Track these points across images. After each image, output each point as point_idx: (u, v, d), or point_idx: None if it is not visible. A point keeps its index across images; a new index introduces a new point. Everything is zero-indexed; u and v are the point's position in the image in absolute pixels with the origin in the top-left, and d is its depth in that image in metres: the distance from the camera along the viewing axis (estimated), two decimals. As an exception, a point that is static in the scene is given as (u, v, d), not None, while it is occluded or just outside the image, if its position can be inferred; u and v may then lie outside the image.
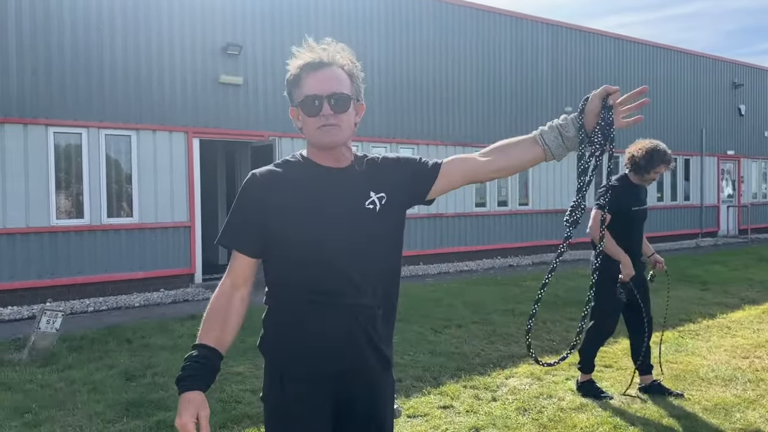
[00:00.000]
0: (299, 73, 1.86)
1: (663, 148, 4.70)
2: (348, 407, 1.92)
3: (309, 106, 1.83)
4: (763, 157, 21.30)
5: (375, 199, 1.91)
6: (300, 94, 1.85)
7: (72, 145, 9.24)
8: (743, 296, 9.06)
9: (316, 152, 1.91)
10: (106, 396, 4.88)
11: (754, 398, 4.73)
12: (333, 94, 1.81)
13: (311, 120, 1.84)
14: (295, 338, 1.88)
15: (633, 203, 4.78)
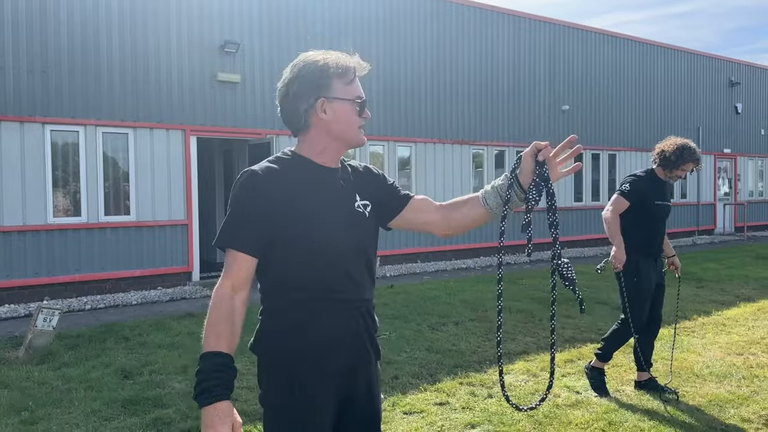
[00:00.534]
0: (350, 73, 1.92)
1: (694, 147, 4.75)
2: (350, 400, 1.95)
3: (362, 106, 1.95)
4: (760, 155, 21.35)
5: (361, 204, 1.97)
6: (348, 92, 1.91)
7: (69, 143, 9.24)
8: (739, 293, 9.09)
9: (326, 149, 1.94)
10: (102, 394, 4.89)
11: (748, 394, 4.76)
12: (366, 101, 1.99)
13: (357, 119, 1.94)
14: (301, 338, 1.86)
15: (656, 197, 4.80)
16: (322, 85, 1.89)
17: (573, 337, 6.57)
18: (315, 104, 1.89)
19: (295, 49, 13.03)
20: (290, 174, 1.88)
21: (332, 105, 1.89)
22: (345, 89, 1.90)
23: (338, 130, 1.91)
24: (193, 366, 5.48)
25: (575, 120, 15.75)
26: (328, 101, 1.89)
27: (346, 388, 1.93)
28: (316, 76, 1.89)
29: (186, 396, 4.81)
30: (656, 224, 4.84)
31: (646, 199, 4.75)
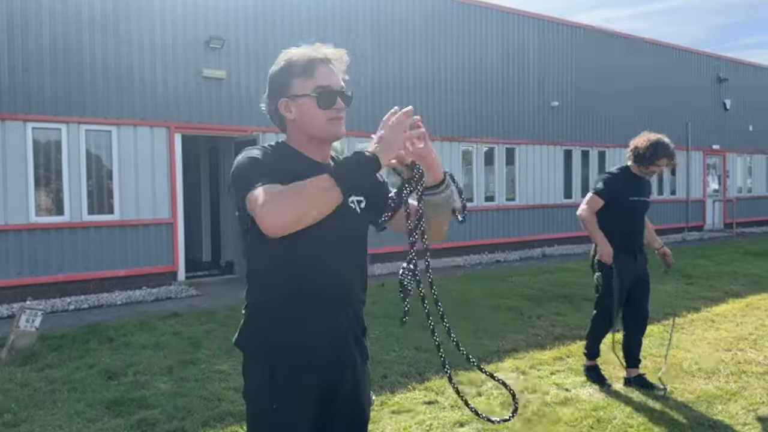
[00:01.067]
0: (308, 66, 1.87)
1: (667, 143, 4.78)
2: (332, 400, 1.94)
3: (326, 97, 1.86)
4: (749, 151, 21.47)
5: (355, 200, 1.96)
6: (307, 86, 1.87)
7: (51, 141, 9.11)
8: (727, 290, 9.11)
9: (310, 145, 1.93)
10: (86, 395, 4.81)
11: (736, 390, 4.75)
12: (343, 89, 1.91)
13: (323, 112, 1.87)
14: (280, 334, 1.86)
15: (631, 193, 4.82)
16: (282, 85, 1.90)
17: (562, 335, 6.54)
18: (278, 105, 1.92)
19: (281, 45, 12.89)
20: (286, 163, 1.86)
21: (295, 103, 1.89)
22: (305, 84, 1.87)
23: (305, 126, 1.90)
24: (179, 366, 5.43)
25: (565, 116, 15.75)
26: (290, 100, 1.89)
27: (329, 388, 1.92)
28: (278, 77, 1.91)
29: (171, 396, 4.74)
30: (633, 220, 4.88)
31: (620, 196, 4.78)
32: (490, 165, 14.44)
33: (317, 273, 1.86)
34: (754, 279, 10.02)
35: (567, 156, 15.92)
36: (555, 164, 15.65)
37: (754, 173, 21.84)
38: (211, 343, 6.28)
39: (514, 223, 14.71)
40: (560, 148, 15.72)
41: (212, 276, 11.12)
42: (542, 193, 15.30)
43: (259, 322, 1.92)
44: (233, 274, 11.16)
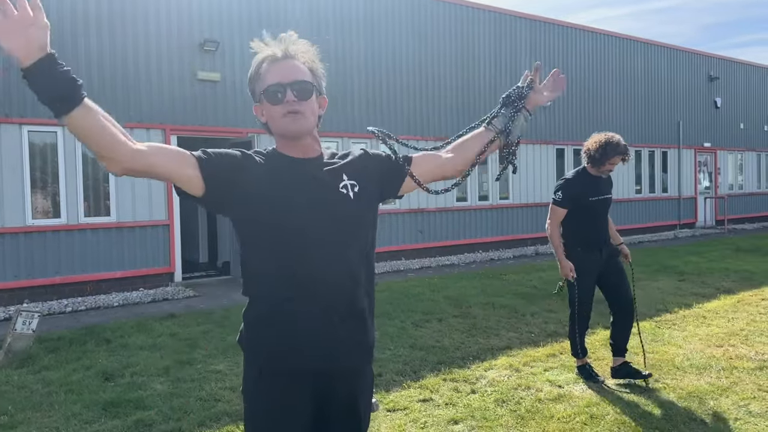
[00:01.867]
0: (259, 68, 1.90)
1: (617, 140, 4.93)
2: (328, 401, 1.90)
3: (272, 94, 1.85)
4: (739, 148, 21.60)
5: (348, 185, 1.90)
6: (261, 86, 1.88)
7: (47, 144, 9.12)
8: (719, 286, 9.19)
9: (285, 144, 1.91)
10: (83, 396, 4.84)
11: (728, 386, 4.81)
12: (295, 81, 1.85)
13: (275, 108, 1.85)
14: (275, 331, 1.82)
15: (590, 193, 4.97)
16: (253, 91, 1.93)
17: (555, 332, 6.60)
18: (255, 112, 1.95)
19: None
20: (265, 164, 1.88)
21: (262, 107, 1.92)
22: (261, 86, 1.89)
23: (273, 126, 1.91)
24: (175, 367, 5.47)
25: (557, 115, 15.83)
26: (260, 105, 1.92)
27: (325, 387, 1.88)
28: (251, 83, 1.94)
29: (168, 397, 4.78)
30: (595, 219, 5.02)
31: (580, 198, 4.94)
32: (484, 164, 14.49)
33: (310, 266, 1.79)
34: (746, 275, 10.11)
35: (559, 155, 16.00)
36: (548, 163, 15.73)
37: (745, 170, 21.98)
38: (207, 344, 6.32)
39: (508, 221, 14.79)
40: (553, 147, 15.80)
41: (209, 277, 11.15)
42: (535, 192, 15.38)
43: (250, 320, 1.89)
44: (230, 275, 11.19)
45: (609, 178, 5.16)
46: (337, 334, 1.84)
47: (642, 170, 18.18)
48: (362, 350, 1.94)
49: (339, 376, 1.89)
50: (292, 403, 1.84)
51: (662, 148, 18.82)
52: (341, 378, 1.90)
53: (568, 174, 5.20)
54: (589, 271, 4.97)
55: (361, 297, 1.89)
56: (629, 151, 5.01)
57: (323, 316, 1.82)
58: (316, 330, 1.82)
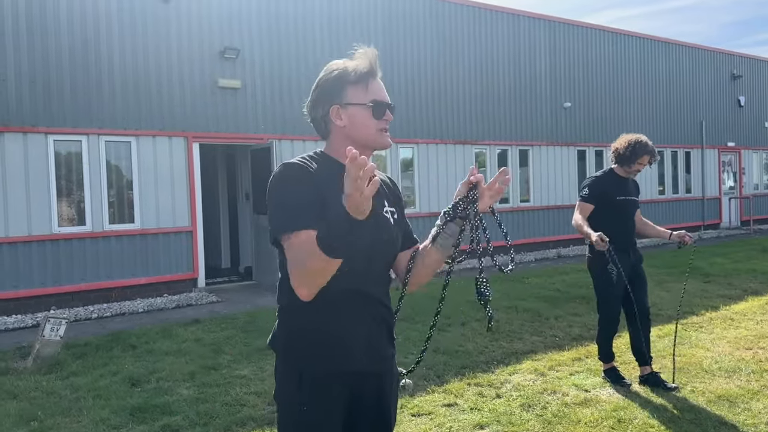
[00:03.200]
0: (364, 77, 1.94)
1: (645, 140, 4.93)
2: (359, 404, 1.96)
3: (379, 109, 1.95)
4: (764, 147, 21.26)
5: (389, 211, 2.03)
6: (364, 96, 1.93)
7: (72, 153, 9.26)
8: (746, 287, 9.05)
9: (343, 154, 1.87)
10: (110, 402, 4.90)
11: (758, 389, 4.73)
12: (391, 104, 2.00)
13: (375, 122, 1.95)
14: (320, 337, 1.89)
15: (617, 193, 4.95)
16: (335, 93, 1.94)
17: (581, 335, 6.54)
18: (329, 111, 1.95)
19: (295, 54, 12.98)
20: (322, 170, 1.88)
21: (347, 111, 1.93)
22: (360, 94, 1.93)
23: (356, 134, 1.94)
24: (201, 372, 5.51)
25: (577, 117, 15.72)
26: (342, 108, 1.94)
27: (357, 390, 1.95)
28: (331, 84, 1.95)
29: (194, 402, 4.82)
30: (623, 219, 4.99)
31: (607, 197, 4.92)
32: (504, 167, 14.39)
33: (350, 279, 1.84)
34: (774, 277, 9.94)
35: (581, 156, 15.88)
36: (569, 165, 15.61)
37: (772, 170, 21.64)
38: (232, 349, 6.36)
39: (529, 224, 14.70)
40: (574, 149, 15.68)
41: (232, 282, 11.23)
42: (557, 194, 15.27)
43: (289, 326, 1.94)
44: (252, 280, 11.25)
45: (635, 181, 5.16)
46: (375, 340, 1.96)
47: (665, 171, 17.97)
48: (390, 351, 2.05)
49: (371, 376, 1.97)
50: (329, 406, 1.90)
51: (685, 148, 18.59)
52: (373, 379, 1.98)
53: (596, 173, 5.20)
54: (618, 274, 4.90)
55: (390, 308, 2.06)
56: (657, 152, 4.99)
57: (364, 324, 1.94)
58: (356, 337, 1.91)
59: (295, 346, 1.92)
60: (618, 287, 4.92)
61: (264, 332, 7.03)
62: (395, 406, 2.10)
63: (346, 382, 1.92)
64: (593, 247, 5.00)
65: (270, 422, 4.40)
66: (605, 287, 4.97)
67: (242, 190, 12.45)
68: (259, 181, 10.99)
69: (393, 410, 2.07)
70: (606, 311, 5.01)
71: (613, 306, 4.99)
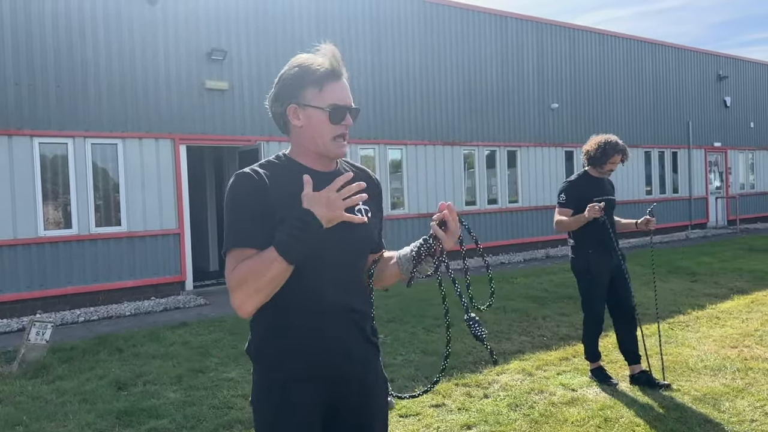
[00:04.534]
0: (321, 77, 1.84)
1: (615, 140, 4.98)
2: (336, 411, 1.91)
3: (337, 114, 1.84)
4: (750, 147, 21.46)
5: (362, 209, 1.93)
6: (319, 98, 1.84)
7: (58, 156, 9.20)
8: (732, 286, 9.12)
9: (309, 156, 1.89)
10: (97, 406, 4.86)
11: (743, 387, 4.77)
12: (353, 107, 1.89)
13: (331, 127, 1.85)
14: (289, 342, 1.83)
15: (594, 194, 4.97)
16: (295, 91, 1.86)
17: (568, 335, 6.57)
18: (287, 110, 1.88)
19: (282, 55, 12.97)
20: (281, 177, 1.83)
21: (305, 112, 1.86)
22: (320, 96, 1.84)
23: (310, 138, 1.87)
24: (188, 375, 5.48)
25: (565, 118, 15.80)
26: (300, 108, 1.86)
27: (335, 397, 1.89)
28: (291, 81, 1.87)
29: (181, 405, 4.80)
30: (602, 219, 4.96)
31: (585, 199, 4.92)
32: (492, 168, 14.48)
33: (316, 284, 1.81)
34: (759, 275, 10.02)
35: (568, 157, 15.96)
36: (557, 165, 15.69)
37: (757, 169, 21.83)
38: (219, 352, 6.34)
39: (518, 225, 14.75)
40: (561, 150, 15.76)
41: (220, 285, 11.17)
42: (545, 195, 15.33)
43: (259, 333, 1.89)
44: (240, 283, 11.19)
45: (611, 181, 5.22)
46: (346, 344, 1.88)
47: (652, 171, 18.09)
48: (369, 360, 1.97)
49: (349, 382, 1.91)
50: (302, 412, 1.84)
51: (672, 148, 18.73)
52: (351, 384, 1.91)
53: (571, 177, 5.23)
54: (600, 274, 4.96)
55: (367, 309, 1.96)
56: (628, 151, 5.03)
57: (333, 328, 1.86)
58: (326, 340, 1.85)
59: (265, 352, 1.88)
60: (601, 287, 4.96)
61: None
62: (381, 412, 2.01)
63: (318, 388, 1.85)
64: (575, 248, 5.10)
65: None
66: (589, 287, 5.03)
67: (230, 192, 12.40)
68: (247, 183, 10.96)
69: (377, 417, 1.99)
70: (590, 310, 5.06)
71: (597, 305, 5.03)
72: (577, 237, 5.05)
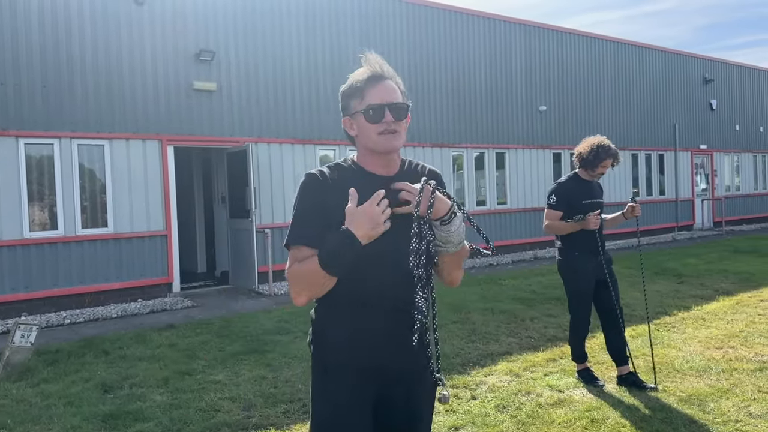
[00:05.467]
0: (361, 86, 2.01)
1: (608, 144, 4.99)
2: (387, 406, 2.06)
3: (372, 114, 1.98)
4: (735, 150, 21.66)
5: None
6: (361, 104, 2.01)
7: (44, 156, 9.12)
8: (718, 288, 9.20)
9: (369, 159, 2.05)
10: (82, 409, 4.82)
11: (728, 387, 4.81)
12: (393, 103, 2.00)
13: (373, 126, 1.99)
14: (339, 333, 2.01)
15: (583, 197, 5.01)
16: (345, 105, 2.07)
17: (555, 336, 6.60)
18: (343, 123, 2.10)
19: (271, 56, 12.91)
20: (345, 181, 1.99)
21: (356, 120, 2.04)
22: (362, 102, 2.00)
23: (362, 141, 2.04)
24: (174, 378, 5.45)
25: (553, 120, 15.88)
26: (351, 118, 2.06)
27: (382, 391, 2.03)
28: (342, 97, 2.08)
29: (167, 408, 4.77)
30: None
31: (574, 201, 4.97)
32: (481, 170, 14.52)
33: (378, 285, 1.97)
34: (744, 276, 10.11)
35: (556, 159, 16.04)
36: (545, 167, 15.76)
37: (742, 172, 22.04)
38: (206, 354, 6.30)
39: (506, 226, 14.80)
40: (549, 152, 15.83)
41: (207, 287, 11.13)
42: (533, 197, 15.40)
43: (315, 324, 2.08)
44: (228, 284, 11.17)
45: (599, 183, 5.23)
46: (392, 339, 2.01)
47: (639, 173, 18.21)
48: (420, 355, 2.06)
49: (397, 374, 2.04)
50: (349, 393, 1.99)
51: (659, 150, 18.87)
52: (398, 377, 2.04)
53: (561, 178, 5.24)
54: (586, 275, 4.99)
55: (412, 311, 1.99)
56: (619, 155, 5.06)
57: (378, 323, 2.00)
58: (378, 332, 2.00)
59: (319, 341, 2.06)
60: (588, 288, 4.99)
61: (239, 337, 6.99)
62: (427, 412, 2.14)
63: (368, 377, 2.00)
64: (562, 250, 5.13)
65: (244, 427, 4.37)
66: (575, 289, 5.06)
67: (218, 193, 12.37)
68: (235, 185, 10.93)
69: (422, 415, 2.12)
70: (576, 312, 5.09)
71: (584, 307, 5.06)
72: (565, 239, 5.08)
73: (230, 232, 11.27)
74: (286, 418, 4.52)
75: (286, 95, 11.25)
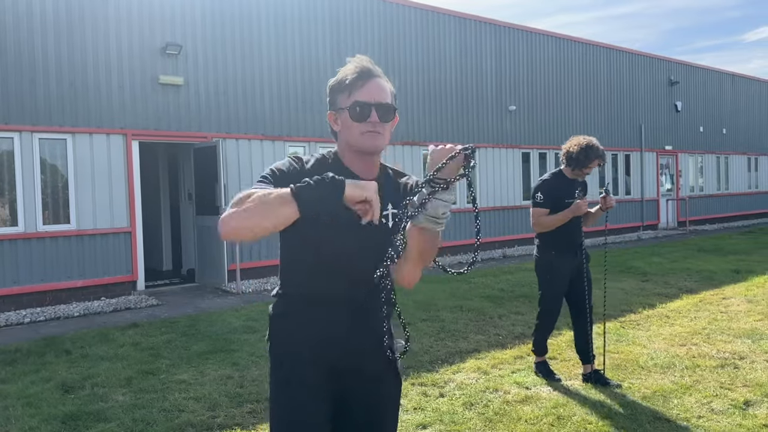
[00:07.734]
0: (350, 81, 1.95)
1: (597, 144, 4.98)
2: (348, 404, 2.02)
3: (359, 111, 1.92)
4: (699, 151, 22.11)
5: (389, 214, 2.01)
6: (348, 100, 1.94)
7: (4, 151, 8.86)
8: (681, 286, 9.36)
9: (352, 158, 1.98)
10: (41, 410, 4.69)
11: (691, 384, 4.89)
12: (380, 103, 1.94)
13: (357, 125, 1.92)
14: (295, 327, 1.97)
15: (567, 196, 5.00)
16: (332, 100, 2.02)
17: (523, 334, 6.64)
18: (328, 117, 2.04)
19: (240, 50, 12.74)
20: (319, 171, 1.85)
21: (340, 116, 1.98)
22: (346, 99, 1.95)
23: (344, 137, 1.97)
24: (138, 377, 5.34)
25: (522, 120, 16.00)
26: (336, 113, 1.99)
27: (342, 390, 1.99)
28: (328, 92, 2.03)
29: (130, 409, 4.66)
30: (570, 220, 4.98)
31: (558, 199, 4.96)
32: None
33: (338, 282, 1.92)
34: (707, 275, 10.32)
35: (525, 158, 16.17)
36: (514, 167, 15.88)
37: (706, 173, 22.51)
38: (171, 353, 6.19)
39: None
40: (518, 151, 15.95)
41: (173, 285, 10.96)
42: (502, 195, 15.50)
43: (272, 318, 2.04)
44: (194, 282, 11.01)
45: (584, 181, 5.17)
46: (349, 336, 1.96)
47: (605, 173, 18.47)
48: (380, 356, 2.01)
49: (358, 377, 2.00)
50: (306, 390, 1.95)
51: (625, 151, 19.16)
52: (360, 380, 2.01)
53: (545, 176, 5.20)
54: (561, 273, 5.00)
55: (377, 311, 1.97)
56: (606, 156, 5.05)
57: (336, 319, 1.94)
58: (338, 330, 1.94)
59: (276, 334, 2.03)
60: (561, 287, 5.02)
61: (205, 336, 6.88)
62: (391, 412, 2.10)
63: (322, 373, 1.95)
64: (540, 248, 5.13)
65: (209, 428, 4.30)
66: (549, 285, 5.07)
67: (185, 189, 12.18)
68: (202, 181, 10.77)
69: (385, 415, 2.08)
70: (546, 303, 5.10)
71: (555, 302, 5.08)
72: (543, 237, 5.06)
73: (197, 229, 11.11)
74: (252, 418, 4.46)
75: (255, 90, 11.12)
